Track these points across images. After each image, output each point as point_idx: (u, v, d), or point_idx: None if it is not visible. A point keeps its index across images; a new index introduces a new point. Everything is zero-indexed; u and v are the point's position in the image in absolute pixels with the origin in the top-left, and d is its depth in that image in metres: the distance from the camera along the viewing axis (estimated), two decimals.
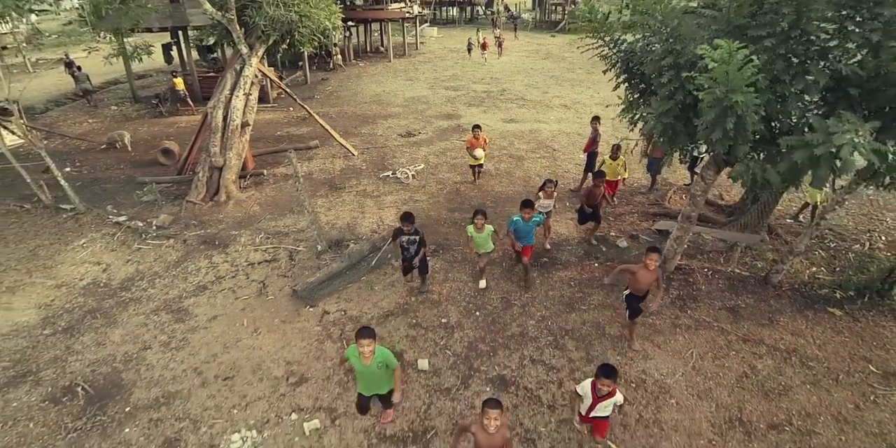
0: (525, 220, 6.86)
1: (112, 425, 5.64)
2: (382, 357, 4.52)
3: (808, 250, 8.39)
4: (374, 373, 4.58)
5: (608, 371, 4.23)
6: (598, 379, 4.23)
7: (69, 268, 8.90)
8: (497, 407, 3.66)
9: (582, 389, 4.47)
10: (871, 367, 6.08)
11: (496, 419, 3.63)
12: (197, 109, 19.32)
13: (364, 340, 4.34)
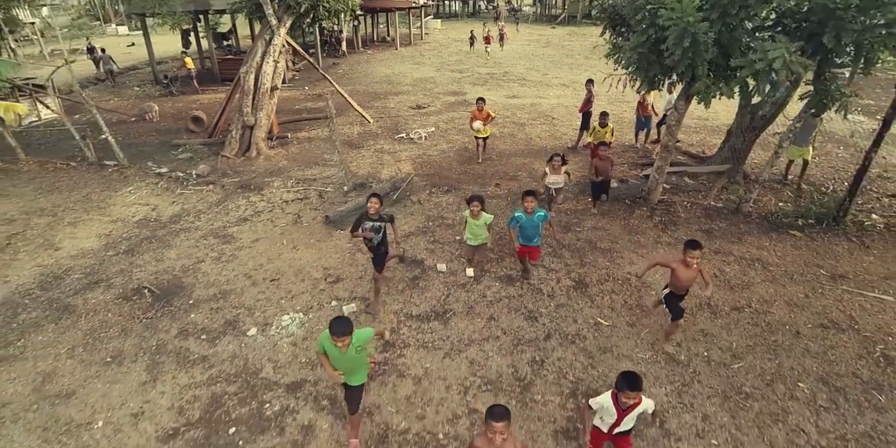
0: (528, 214, 5.96)
1: (179, 313, 6.63)
2: (359, 339, 4.06)
3: (777, 190, 9.36)
4: (351, 358, 4.08)
5: (633, 382, 3.47)
6: (622, 391, 3.48)
7: (121, 208, 9.88)
8: (502, 419, 3.10)
9: (598, 403, 3.74)
10: (822, 271, 7.06)
11: (502, 433, 3.07)
12: (207, 89, 20.32)
13: (341, 338, 3.84)
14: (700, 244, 4.94)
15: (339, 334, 3.83)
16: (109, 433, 4.91)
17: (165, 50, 29.24)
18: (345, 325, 3.87)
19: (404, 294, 6.68)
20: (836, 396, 5.01)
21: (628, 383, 3.48)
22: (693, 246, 4.95)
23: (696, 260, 4.96)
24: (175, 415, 5.06)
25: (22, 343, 6.24)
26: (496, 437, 3.09)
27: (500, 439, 3.10)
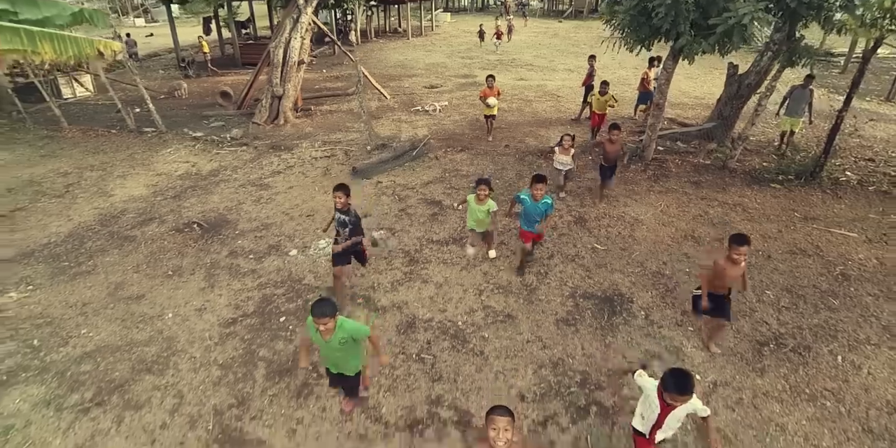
0: (535, 199, 5.54)
1: (227, 240, 7.48)
2: (346, 332, 3.61)
3: (763, 154, 10.13)
4: (335, 349, 3.69)
5: (683, 385, 2.92)
6: (668, 393, 2.99)
7: (163, 165, 10.74)
8: (506, 414, 2.75)
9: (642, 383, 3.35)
10: (796, 214, 7.84)
11: (506, 430, 2.70)
12: (229, 72, 21.18)
13: (322, 319, 3.42)
14: (748, 239, 4.34)
15: (319, 315, 3.39)
16: (178, 321, 5.76)
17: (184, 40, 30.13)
18: (326, 306, 3.42)
19: (425, 225, 7.51)
20: (796, 300, 5.81)
21: (677, 386, 2.92)
22: (740, 241, 4.33)
23: (743, 257, 4.36)
24: (233, 309, 5.90)
25: (92, 263, 7.10)
26: (499, 435, 2.67)
27: (505, 440, 2.66)
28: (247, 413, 4.48)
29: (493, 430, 2.71)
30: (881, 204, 8.19)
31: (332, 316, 3.47)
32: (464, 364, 4.91)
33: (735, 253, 4.37)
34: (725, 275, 4.52)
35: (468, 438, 4.16)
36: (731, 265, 4.46)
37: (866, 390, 4.57)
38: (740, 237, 4.39)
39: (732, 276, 4.53)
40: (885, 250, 6.82)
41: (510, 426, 2.71)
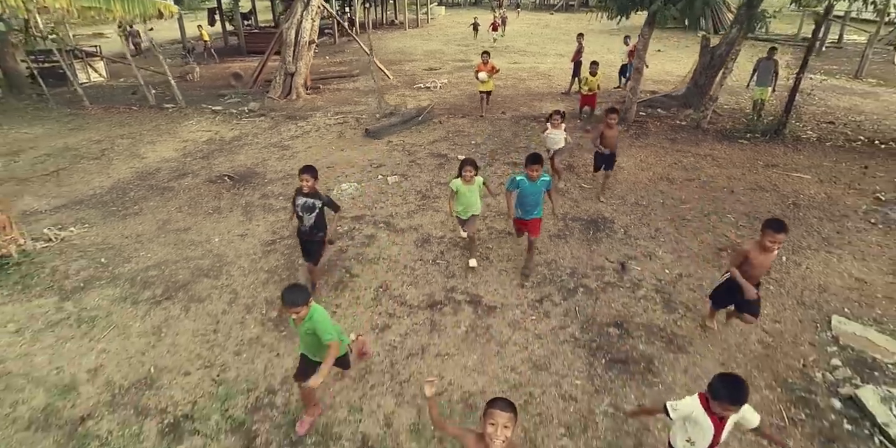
0: (532, 180, 5.07)
1: (258, 186, 8.33)
2: (311, 323, 3.31)
3: (735, 118, 11.09)
4: (304, 335, 3.45)
5: (737, 392, 2.56)
6: (719, 401, 2.58)
7: (188, 133, 11.55)
8: (508, 409, 2.42)
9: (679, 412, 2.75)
10: (759, 162, 8.80)
11: (506, 427, 2.39)
12: (236, 60, 21.93)
13: (293, 308, 3.20)
14: (785, 226, 3.82)
15: (290, 304, 3.16)
16: (225, 243, 6.63)
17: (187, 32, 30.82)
18: (295, 294, 3.18)
19: (434, 171, 8.41)
20: (752, 221, 6.75)
21: (732, 396, 2.54)
22: (777, 227, 3.79)
23: (778, 245, 3.87)
24: (271, 234, 6.78)
25: (138, 207, 7.94)
26: (497, 432, 2.35)
27: (503, 438, 2.36)
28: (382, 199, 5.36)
29: (492, 425, 2.38)
30: (835, 155, 9.16)
31: (305, 304, 3.20)
32: (467, 286, 5.81)
33: (769, 240, 3.82)
34: (754, 264, 3.97)
35: (478, 311, 5.07)
36: (762, 253, 3.94)
37: (803, 279, 5.52)
38: (777, 223, 3.81)
39: (764, 266, 4.02)
40: (833, 188, 7.79)
41: (511, 423, 2.38)
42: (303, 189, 4.86)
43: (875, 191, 7.66)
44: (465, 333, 4.79)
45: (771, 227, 3.84)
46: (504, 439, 2.38)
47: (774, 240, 3.82)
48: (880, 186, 7.82)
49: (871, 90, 14.21)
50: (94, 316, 5.35)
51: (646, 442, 3.69)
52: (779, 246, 3.89)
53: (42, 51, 18.54)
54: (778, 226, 3.82)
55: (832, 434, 3.71)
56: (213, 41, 24.09)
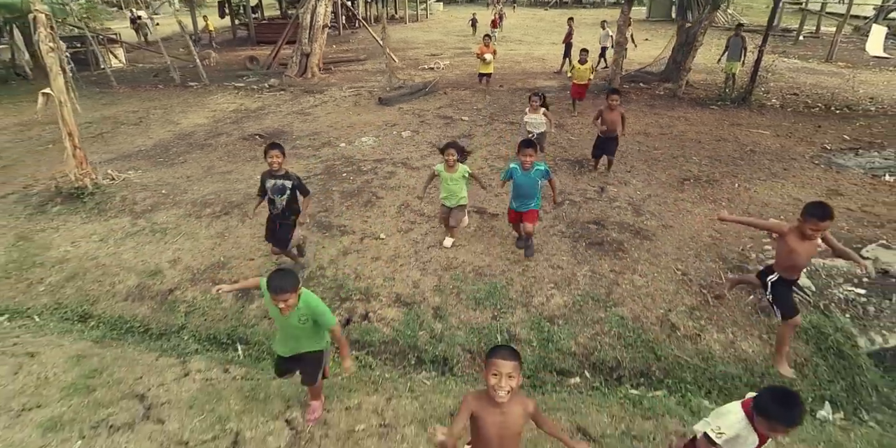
0: (524, 169, 4.69)
1: (287, 141, 9.35)
2: (308, 309, 2.96)
3: (709, 90, 12.24)
4: (294, 327, 3.03)
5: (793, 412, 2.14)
6: (770, 421, 2.16)
7: (215, 105, 12.61)
8: (511, 357, 2.21)
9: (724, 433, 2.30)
10: (726, 122, 9.94)
11: (510, 377, 2.17)
12: (247, 49, 22.98)
13: (281, 295, 2.78)
14: (831, 212, 3.28)
15: (278, 291, 2.77)
16: None
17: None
18: (285, 279, 2.82)
19: (441, 129, 9.52)
20: (714, 161, 7.87)
21: (786, 418, 2.13)
22: (821, 214, 3.25)
23: (820, 232, 3.34)
24: (305, 171, 7.84)
25: (182, 158, 9.00)
26: (501, 382, 2.17)
27: (507, 389, 2.18)
28: (332, 215, 6.47)
29: (495, 376, 2.17)
30: (794, 118, 10.31)
31: (294, 290, 2.81)
32: (478, 191, 6.90)
33: (811, 227, 3.29)
34: (798, 251, 3.46)
35: (484, 217, 6.17)
36: (802, 241, 3.42)
37: (750, 198, 6.65)
38: (823, 210, 3.25)
39: (808, 254, 3.49)
40: (787, 140, 8.93)
41: (516, 372, 2.18)
42: (272, 168, 4.49)
43: (823, 143, 8.81)
44: (473, 231, 5.90)
45: (815, 214, 3.22)
46: (509, 390, 2.16)
47: (817, 228, 3.25)
48: (828, 140, 8.97)
49: (837, 71, 15.38)
50: (166, 228, 6.43)
51: (614, 291, 4.81)
52: (823, 233, 3.31)
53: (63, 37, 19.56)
54: (823, 213, 3.19)
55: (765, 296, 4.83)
56: (218, 33, 25.17)
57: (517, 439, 2.36)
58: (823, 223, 3.25)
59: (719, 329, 4.41)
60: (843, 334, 4.22)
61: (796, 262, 3.58)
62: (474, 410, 2.29)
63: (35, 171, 8.54)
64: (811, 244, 3.45)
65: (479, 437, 2.34)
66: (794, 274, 3.67)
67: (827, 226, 3.26)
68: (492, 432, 2.28)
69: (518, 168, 4.74)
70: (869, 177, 7.45)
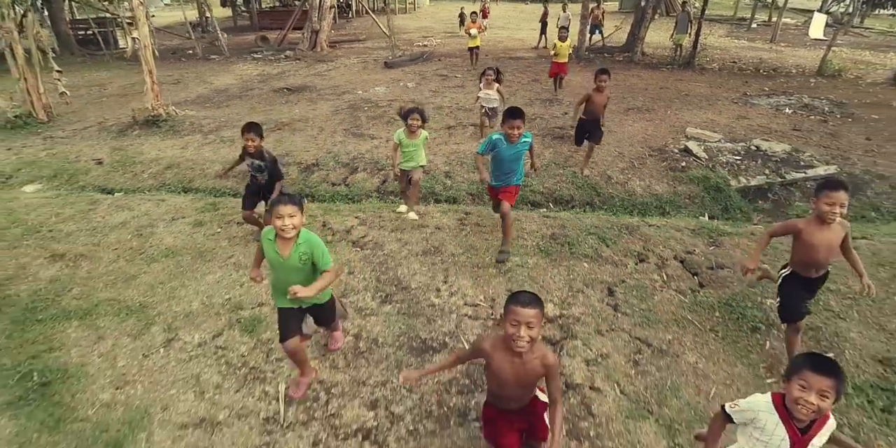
0: (511, 141, 4.12)
1: (313, 92, 11.27)
2: (309, 245, 2.75)
3: (661, 57, 14.41)
4: (294, 270, 2.78)
5: (822, 359, 1.84)
6: (798, 374, 1.80)
7: (240, 71, 14.40)
8: (532, 305, 2.00)
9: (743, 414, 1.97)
10: (671, 78, 12.07)
11: (530, 326, 1.98)
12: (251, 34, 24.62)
13: (286, 207, 2.60)
14: (845, 185, 2.85)
15: (285, 202, 2.62)
16: (302, 114, 9.56)
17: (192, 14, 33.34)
18: (291, 195, 2.72)
19: (439, 83, 11.47)
20: (656, 99, 9.95)
21: (811, 361, 1.81)
22: (833, 186, 2.83)
23: (840, 209, 2.80)
24: (333, 108, 9.72)
25: (226, 104, 10.81)
26: (520, 332, 1.96)
27: (526, 340, 1.97)
28: (361, 129, 8.39)
29: (514, 325, 1.98)
30: (727, 77, 12.49)
31: (300, 206, 2.70)
32: (470, 140, 8.83)
33: (826, 202, 2.81)
34: (813, 243, 2.94)
35: (476, 125, 8.13)
36: (819, 228, 2.92)
37: (678, 118, 8.74)
38: (834, 181, 2.89)
39: (828, 246, 2.94)
40: (717, 89, 11.08)
41: (537, 321, 1.98)
42: (248, 150, 4.39)
43: (746, 91, 10.97)
44: (472, 133, 7.88)
45: (825, 186, 2.85)
46: (529, 340, 1.98)
47: (832, 201, 2.78)
48: (750, 90, 11.14)
49: (777, 49, 17.70)
50: (233, 139, 8.27)
51: (569, 160, 6.81)
52: (841, 211, 2.80)
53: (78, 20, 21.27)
54: (834, 184, 2.84)
55: (674, 163, 6.87)
56: (221, 22, 26.78)
57: (533, 385, 2.28)
58: (836, 193, 2.76)
59: (640, 179, 6.45)
60: (722, 179, 6.29)
61: (814, 257, 2.98)
62: (490, 355, 2.15)
63: (101, 114, 10.27)
64: (831, 232, 2.88)
65: (493, 381, 2.26)
66: (811, 270, 3.05)
67: (841, 197, 2.74)
68: (506, 381, 2.17)
69: (503, 139, 4.12)
70: (773, 110, 9.61)
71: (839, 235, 2.95)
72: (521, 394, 2.29)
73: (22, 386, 3.39)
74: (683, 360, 3.48)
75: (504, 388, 2.25)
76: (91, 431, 3.06)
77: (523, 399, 2.33)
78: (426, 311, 3.94)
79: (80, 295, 4.36)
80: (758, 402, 1.94)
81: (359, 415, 3.10)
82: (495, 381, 2.27)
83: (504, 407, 2.37)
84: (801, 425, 1.86)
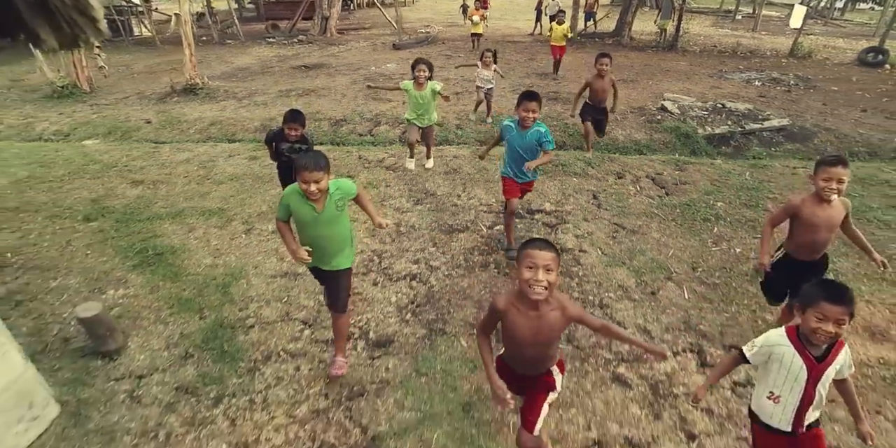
0: (524, 126, 3.78)
1: (330, 68, 12.23)
2: (342, 190, 2.68)
3: (646, 42, 15.48)
4: (329, 222, 2.68)
5: (836, 286, 1.87)
6: (814, 305, 1.83)
7: (257, 53, 15.31)
8: (547, 249, 1.90)
9: (759, 350, 2.00)
10: (654, 58, 13.12)
11: (548, 270, 1.86)
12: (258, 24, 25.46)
13: (314, 173, 2.46)
14: (844, 161, 2.71)
15: (313, 168, 2.46)
16: (324, 83, 10.54)
17: None
18: (318, 156, 2.54)
19: (445, 60, 12.46)
20: (638, 74, 10.99)
21: (825, 289, 1.84)
22: (832, 161, 2.71)
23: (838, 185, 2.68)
24: (350, 81, 10.71)
25: (250, 78, 11.74)
26: (537, 275, 1.85)
27: (543, 285, 1.86)
28: (379, 94, 9.37)
29: (530, 269, 1.87)
30: (707, 58, 13.55)
31: (327, 170, 2.53)
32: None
33: (823, 178, 2.71)
34: (814, 223, 2.80)
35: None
36: (819, 206, 2.78)
37: (657, 87, 9.78)
38: (832, 157, 2.77)
39: (827, 226, 2.79)
40: (696, 67, 12.13)
41: (554, 265, 1.87)
42: (289, 139, 4.13)
43: (722, 68, 12.04)
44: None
45: (824, 161, 2.75)
46: (546, 285, 1.85)
47: (829, 176, 2.68)
48: (726, 67, 12.20)
49: (757, 37, 18.81)
50: (265, 102, 9.23)
51: (563, 115, 7.84)
52: (839, 187, 2.68)
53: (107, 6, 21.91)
54: (833, 159, 2.73)
55: (651, 117, 7.91)
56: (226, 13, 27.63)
57: (551, 347, 2.09)
58: (833, 168, 2.66)
59: (623, 129, 7.49)
60: (691, 128, 7.34)
61: (813, 237, 2.83)
62: (505, 312, 2.01)
63: (136, 87, 11.19)
64: (832, 209, 2.75)
65: (510, 340, 2.08)
66: (808, 253, 2.92)
67: (839, 173, 2.65)
68: (522, 337, 2.00)
69: (513, 126, 3.83)
70: (744, 82, 10.68)
71: (840, 213, 2.78)
72: (539, 355, 2.08)
73: (141, 256, 4.40)
74: (650, 236, 4.53)
75: (522, 347, 2.04)
76: (203, 280, 4.07)
77: (538, 364, 2.14)
78: (450, 208, 4.97)
79: (166, 205, 5.35)
80: (772, 336, 1.97)
81: (406, 267, 4.13)
82: (512, 340, 2.06)
83: (518, 370, 2.18)
84: (817, 353, 1.88)
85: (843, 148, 7.13)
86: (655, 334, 3.34)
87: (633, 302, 3.67)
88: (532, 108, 3.68)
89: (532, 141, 3.82)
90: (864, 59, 12.89)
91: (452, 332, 3.38)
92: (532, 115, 3.71)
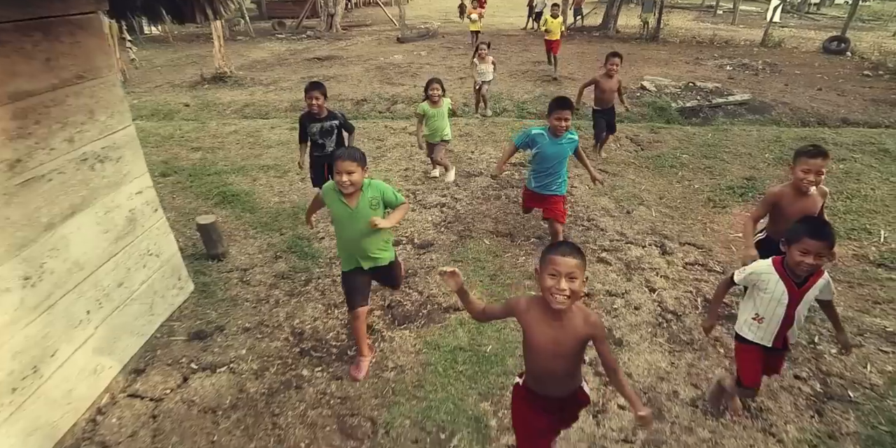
0: (556, 135, 3.63)
1: (344, 59, 13.28)
2: (377, 189, 2.68)
3: (632, 33, 16.64)
4: (365, 216, 2.61)
5: (819, 224, 2.08)
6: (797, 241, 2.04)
7: (268, 48, 16.29)
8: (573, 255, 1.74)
9: (746, 276, 2.24)
10: (638, 48, 14.27)
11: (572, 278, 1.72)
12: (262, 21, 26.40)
13: (348, 164, 2.49)
14: (824, 152, 2.68)
15: (347, 158, 2.49)
16: (342, 72, 11.59)
17: None
18: (353, 150, 2.58)
19: (447, 52, 13.53)
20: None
21: (809, 227, 2.02)
22: (812, 153, 2.68)
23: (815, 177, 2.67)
24: (364, 70, 11.76)
25: (269, 70, 12.75)
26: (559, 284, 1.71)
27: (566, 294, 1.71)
28: (392, 79, 10.43)
29: (552, 276, 1.73)
30: (687, 48, 14.72)
31: (362, 163, 2.55)
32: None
33: (802, 169, 2.68)
34: (793, 213, 2.70)
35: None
36: (798, 198, 2.78)
37: (639, 71, 10.91)
38: (812, 147, 2.72)
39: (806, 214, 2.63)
40: (675, 55, 13.29)
41: (579, 272, 1.72)
42: (313, 111, 4.11)
43: (698, 56, 13.21)
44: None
45: (802, 151, 2.72)
46: (569, 295, 1.71)
47: (808, 167, 2.65)
48: (702, 55, 13.37)
49: (735, 29, 20.02)
50: (291, 87, 10.27)
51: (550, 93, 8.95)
52: (818, 178, 2.67)
53: None
54: (813, 150, 2.68)
55: (631, 94, 9.03)
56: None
57: (576, 360, 1.90)
58: (813, 160, 2.65)
59: None
60: (665, 102, 8.47)
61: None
62: (524, 320, 1.86)
63: (165, 78, 12.16)
64: (810, 200, 2.77)
65: (532, 354, 1.92)
66: None
67: (818, 164, 2.64)
68: (543, 347, 1.84)
69: (545, 134, 3.65)
70: (716, 68, 11.84)
71: (818, 204, 2.78)
72: (562, 369, 1.89)
73: (219, 198, 5.44)
74: (627, 177, 5.65)
75: (545, 360, 1.87)
76: (276, 211, 5.13)
77: (567, 379, 1.95)
78: (466, 160, 6.06)
79: (227, 164, 6.39)
80: (761, 265, 2.20)
81: (436, 199, 5.21)
82: (533, 353, 1.90)
83: (543, 391, 1.98)
84: (798, 280, 2.10)
85: (797, 118, 8.29)
86: (630, 235, 4.45)
87: (613, 218, 4.78)
88: (565, 116, 3.53)
89: (566, 149, 3.70)
90: (829, 47, 14.10)
91: (478, 236, 4.47)
92: (565, 124, 3.55)
